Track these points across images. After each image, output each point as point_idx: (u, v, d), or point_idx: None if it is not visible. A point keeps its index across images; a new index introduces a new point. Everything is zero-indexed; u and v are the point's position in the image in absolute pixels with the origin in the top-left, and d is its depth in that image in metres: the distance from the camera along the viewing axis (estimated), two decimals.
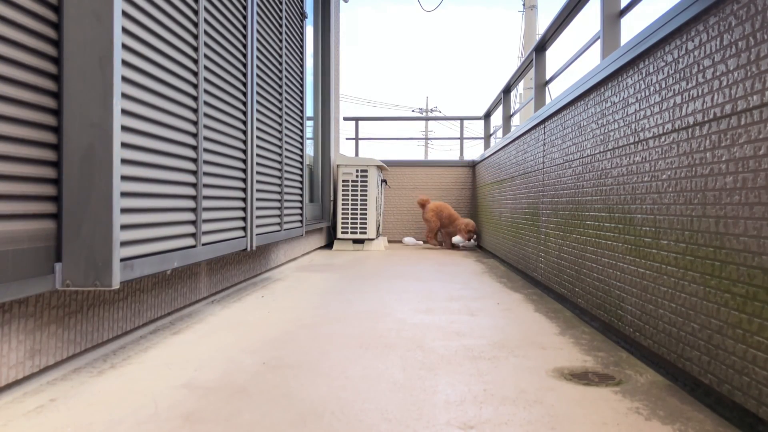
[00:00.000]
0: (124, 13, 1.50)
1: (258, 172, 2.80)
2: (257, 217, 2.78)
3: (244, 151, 2.58)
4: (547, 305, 2.68)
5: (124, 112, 1.51)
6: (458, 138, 7.70)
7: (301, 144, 3.80)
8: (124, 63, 1.50)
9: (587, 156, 2.32)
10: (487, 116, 7.02)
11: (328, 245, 5.95)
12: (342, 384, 1.50)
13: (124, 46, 1.50)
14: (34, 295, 1.42)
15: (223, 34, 2.30)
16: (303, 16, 3.79)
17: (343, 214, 5.75)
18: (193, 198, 2.01)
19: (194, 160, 2.00)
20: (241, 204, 2.55)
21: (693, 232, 1.43)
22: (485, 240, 5.62)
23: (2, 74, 1.21)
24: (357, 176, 5.77)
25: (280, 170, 3.23)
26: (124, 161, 1.50)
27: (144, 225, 1.65)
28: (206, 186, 2.12)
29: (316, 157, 5.73)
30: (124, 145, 1.50)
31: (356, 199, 5.76)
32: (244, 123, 2.59)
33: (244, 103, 2.59)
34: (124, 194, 1.51)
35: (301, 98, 3.79)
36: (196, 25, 2.01)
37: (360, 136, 7.56)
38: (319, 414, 1.28)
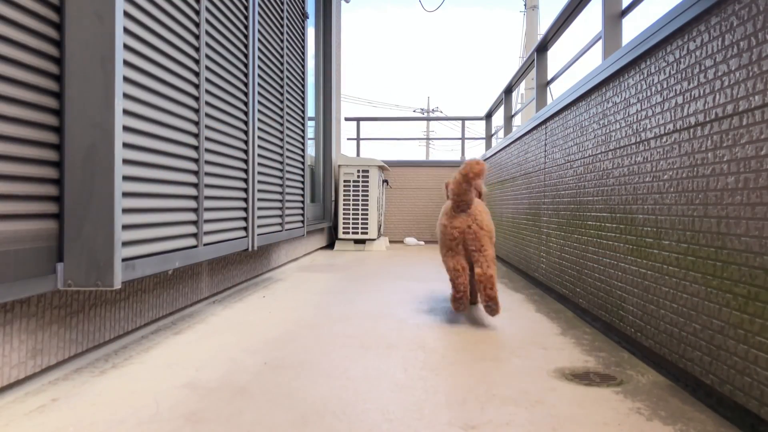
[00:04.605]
0: (126, 14, 1.50)
1: (259, 172, 2.80)
2: (258, 217, 2.78)
3: (246, 151, 2.58)
4: (548, 305, 2.68)
5: (126, 112, 1.51)
6: (459, 138, 7.69)
7: (303, 144, 3.80)
8: (126, 63, 1.50)
9: (589, 156, 2.31)
10: (488, 116, 7.02)
11: (330, 245, 5.95)
12: (343, 384, 1.50)
13: (126, 47, 1.50)
14: (36, 295, 1.42)
15: (225, 34, 2.30)
16: (304, 16, 3.79)
17: (344, 214, 5.75)
18: (195, 198, 2.01)
19: (196, 161, 2.01)
20: (242, 204, 2.55)
21: (695, 233, 1.43)
22: None
23: (4, 74, 1.22)
24: (358, 176, 5.77)
25: (281, 170, 3.23)
26: (125, 161, 1.50)
27: (145, 225, 1.65)
28: (208, 186, 2.12)
29: (317, 158, 5.73)
30: (125, 145, 1.50)
31: (357, 200, 5.76)
32: (246, 123, 2.59)
33: (246, 103, 2.59)
34: (125, 194, 1.51)
35: (303, 98, 3.79)
36: (197, 25, 2.01)
37: (361, 137, 7.55)
38: (320, 414, 1.28)
